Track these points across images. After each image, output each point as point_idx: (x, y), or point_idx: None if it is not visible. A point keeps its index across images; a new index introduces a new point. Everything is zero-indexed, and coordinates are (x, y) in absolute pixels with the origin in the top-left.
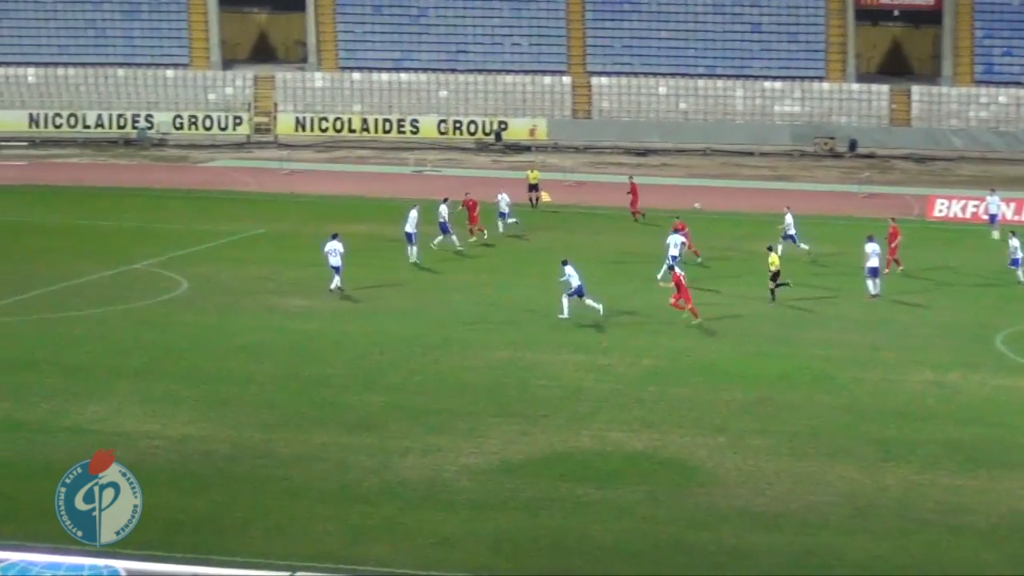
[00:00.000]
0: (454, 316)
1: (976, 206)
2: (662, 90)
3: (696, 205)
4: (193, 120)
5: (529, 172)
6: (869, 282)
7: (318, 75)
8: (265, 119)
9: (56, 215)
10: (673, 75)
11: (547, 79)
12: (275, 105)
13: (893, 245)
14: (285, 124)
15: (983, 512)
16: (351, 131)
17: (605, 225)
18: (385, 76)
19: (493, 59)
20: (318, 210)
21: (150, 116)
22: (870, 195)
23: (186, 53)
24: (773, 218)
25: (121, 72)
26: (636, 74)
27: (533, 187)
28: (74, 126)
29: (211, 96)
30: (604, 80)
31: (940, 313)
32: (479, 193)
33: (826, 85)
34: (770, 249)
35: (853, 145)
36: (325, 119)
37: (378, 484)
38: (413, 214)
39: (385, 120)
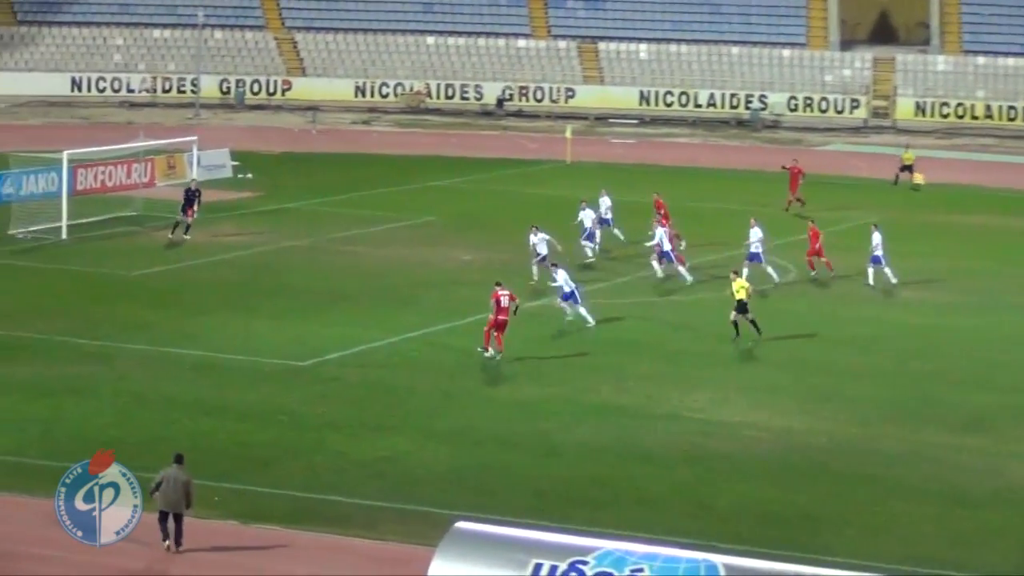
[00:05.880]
0: None
1: None
2: None
3: None
4: (808, 102)
5: (904, 152)
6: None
7: (940, 58)
8: (883, 103)
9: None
10: None
11: None
12: (894, 88)
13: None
14: (904, 108)
15: None
16: (973, 118)
17: None
18: (1011, 61)
19: None
20: (934, 199)
21: (764, 97)
22: None
23: (803, 32)
24: None
25: (736, 50)
26: None
27: (907, 167)
28: (685, 105)
29: (827, 77)
30: None
31: None
32: None
33: None
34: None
35: None
36: (946, 104)
37: (985, 488)
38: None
39: (1010, 107)
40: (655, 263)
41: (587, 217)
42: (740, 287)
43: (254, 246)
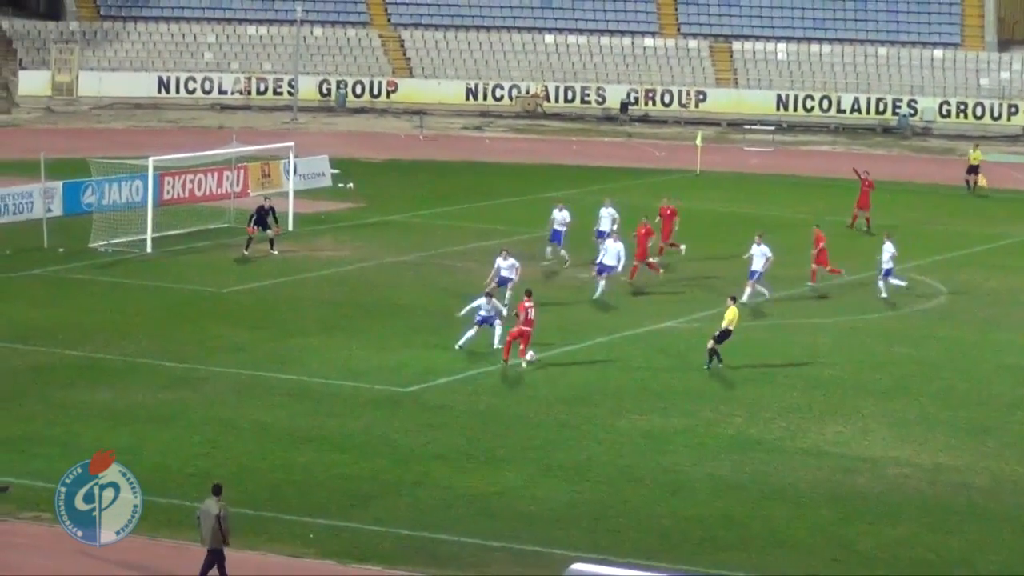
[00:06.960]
0: None
1: None
2: None
3: None
4: (962, 107)
5: (972, 152)
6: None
7: None
8: None
9: (798, 209)
10: None
11: None
12: None
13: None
14: None
15: None
16: None
17: None
18: None
19: None
20: None
21: (913, 101)
22: None
23: (958, 31)
24: None
25: (883, 51)
26: None
27: (974, 168)
28: (826, 110)
29: (983, 81)
30: None
31: None
32: None
33: None
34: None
35: None
36: None
37: None
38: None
39: None
40: (601, 281)
41: (557, 220)
42: (732, 317)
43: (355, 262)
